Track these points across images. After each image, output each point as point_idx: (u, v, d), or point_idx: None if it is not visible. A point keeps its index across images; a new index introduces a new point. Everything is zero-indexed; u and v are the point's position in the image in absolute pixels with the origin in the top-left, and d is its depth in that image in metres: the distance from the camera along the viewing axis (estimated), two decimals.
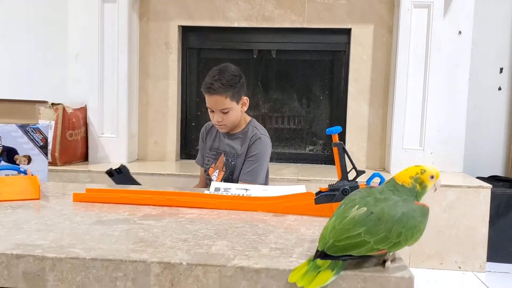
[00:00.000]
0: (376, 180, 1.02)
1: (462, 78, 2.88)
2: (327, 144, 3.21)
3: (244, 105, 1.94)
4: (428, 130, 2.80)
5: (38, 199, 1.21)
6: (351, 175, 1.08)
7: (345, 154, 1.08)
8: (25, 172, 1.39)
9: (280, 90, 3.27)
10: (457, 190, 2.54)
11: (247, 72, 3.24)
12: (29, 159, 1.55)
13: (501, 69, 3.10)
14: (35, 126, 1.57)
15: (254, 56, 3.18)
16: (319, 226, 1.00)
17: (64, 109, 2.78)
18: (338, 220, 0.76)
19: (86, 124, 2.96)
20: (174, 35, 3.08)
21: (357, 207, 0.76)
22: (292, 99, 3.27)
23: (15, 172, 1.42)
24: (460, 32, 2.85)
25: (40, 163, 1.56)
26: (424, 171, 0.81)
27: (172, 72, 3.11)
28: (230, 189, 1.33)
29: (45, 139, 1.58)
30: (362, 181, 1.06)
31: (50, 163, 2.64)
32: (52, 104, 2.79)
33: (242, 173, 1.89)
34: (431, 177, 0.81)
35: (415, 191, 0.80)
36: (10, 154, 1.52)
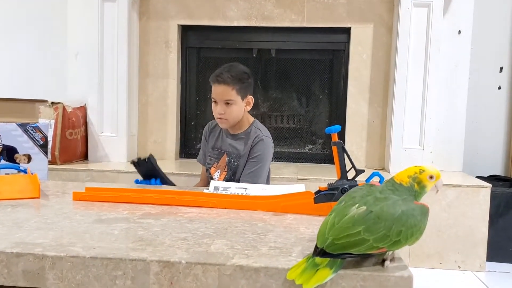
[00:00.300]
0: (375, 179, 1.02)
1: (461, 77, 2.88)
2: (326, 143, 3.21)
3: (249, 104, 1.93)
4: (427, 130, 2.80)
5: (38, 198, 1.21)
6: (351, 174, 1.08)
7: (344, 153, 1.08)
8: (25, 171, 1.39)
9: (280, 89, 3.27)
10: (457, 190, 2.54)
11: None
12: (29, 158, 1.55)
13: (501, 68, 3.10)
14: (35, 125, 1.57)
15: (254, 55, 3.18)
16: (318, 225, 1.00)
17: (64, 108, 2.78)
18: (338, 218, 0.76)
19: (86, 123, 2.96)
20: (174, 34, 3.08)
21: (357, 206, 0.76)
22: (292, 98, 3.27)
23: (15, 171, 1.42)
24: (460, 31, 2.85)
25: (40, 162, 1.56)
26: (423, 171, 0.81)
27: (171, 71, 3.11)
28: (229, 188, 1.33)
29: (45, 138, 1.58)
30: (361, 180, 1.06)
31: (50, 162, 2.64)
32: (52, 103, 2.79)
33: (244, 174, 1.89)
34: (430, 177, 0.81)
35: (413, 190, 0.80)
36: (10, 153, 1.52)
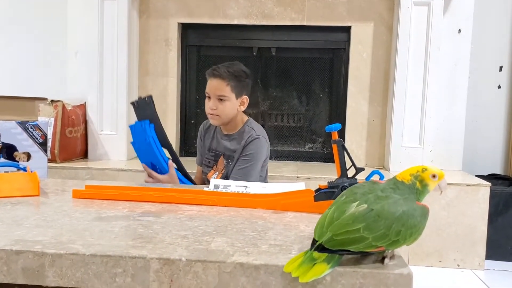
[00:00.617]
0: (375, 178, 1.02)
1: (461, 76, 2.88)
2: (326, 142, 3.21)
3: (243, 104, 1.90)
4: (427, 128, 2.80)
5: (37, 195, 1.21)
6: (351, 172, 1.08)
7: (344, 152, 1.08)
8: (24, 169, 1.39)
9: (280, 88, 3.27)
10: (456, 188, 2.54)
11: None
12: (29, 156, 1.55)
13: (501, 67, 3.10)
14: (34, 123, 1.57)
15: (254, 53, 3.18)
16: None
17: (63, 106, 2.78)
18: (337, 213, 0.76)
19: (85, 121, 2.96)
20: (174, 32, 3.07)
21: (358, 203, 0.76)
22: (292, 97, 3.27)
23: (15, 169, 1.43)
24: (460, 30, 2.85)
25: (39, 160, 1.56)
26: (425, 169, 0.80)
27: (171, 70, 3.11)
28: (229, 186, 1.33)
29: (45, 136, 1.58)
30: (361, 179, 1.06)
31: (50, 160, 2.64)
32: (52, 101, 2.79)
33: (234, 171, 1.85)
34: (433, 176, 0.80)
35: (414, 188, 0.79)
36: (9, 151, 1.52)
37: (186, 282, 0.76)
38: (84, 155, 2.99)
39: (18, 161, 1.52)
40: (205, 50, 3.25)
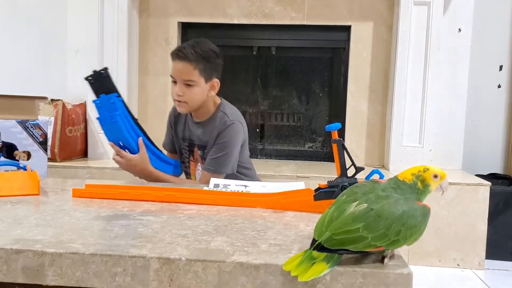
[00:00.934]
0: (375, 177, 1.02)
1: (461, 75, 2.88)
2: (326, 141, 3.21)
3: (213, 88, 1.71)
4: (427, 128, 2.80)
5: (37, 194, 1.21)
6: (350, 171, 1.08)
7: (344, 151, 1.08)
8: (24, 168, 1.39)
9: (280, 87, 3.27)
10: (456, 188, 2.54)
11: (246, 69, 3.24)
12: (29, 155, 1.55)
13: (501, 67, 3.10)
14: (34, 122, 1.57)
15: (254, 53, 3.18)
16: None
17: (63, 105, 2.78)
18: (336, 213, 0.76)
19: (85, 120, 2.96)
20: (174, 31, 3.07)
21: (358, 202, 0.76)
22: (292, 96, 3.27)
23: (15, 168, 1.43)
24: (459, 29, 2.85)
25: (39, 159, 1.56)
26: (427, 169, 0.80)
27: (171, 68, 3.10)
28: (229, 185, 1.33)
29: (45, 135, 1.58)
30: (361, 178, 1.06)
31: (50, 159, 2.64)
32: (52, 100, 2.79)
33: (207, 161, 1.68)
34: (434, 176, 0.80)
35: (416, 188, 0.79)
36: (9, 149, 1.52)
37: (186, 282, 0.76)
38: (84, 154, 2.99)
39: (18, 160, 1.52)
40: None
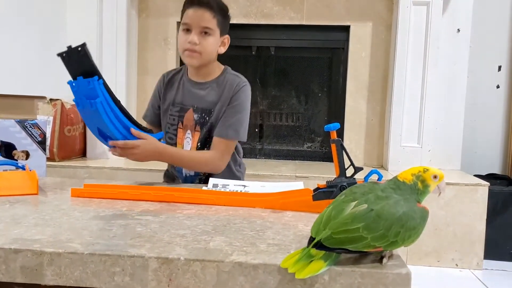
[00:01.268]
0: (374, 177, 1.02)
1: (460, 75, 2.88)
2: (325, 141, 3.22)
3: (224, 45, 1.64)
4: (426, 128, 2.81)
5: (36, 194, 1.21)
6: (349, 171, 1.09)
7: (343, 151, 1.08)
8: (23, 168, 1.39)
9: (279, 87, 3.27)
10: (455, 188, 2.55)
11: (245, 69, 3.24)
12: (27, 155, 1.55)
13: (500, 67, 3.11)
14: (33, 122, 1.57)
15: (253, 52, 3.18)
16: None
17: (62, 104, 2.77)
18: (335, 212, 0.76)
19: None
20: (173, 31, 3.07)
21: (357, 202, 0.76)
22: (291, 96, 3.27)
23: (13, 168, 1.42)
24: (458, 29, 2.85)
25: (38, 159, 1.56)
26: (427, 170, 0.81)
27: (170, 68, 3.09)
28: (228, 185, 1.34)
29: (43, 135, 1.58)
30: (360, 178, 1.06)
31: (48, 159, 2.64)
32: (51, 99, 2.78)
33: (222, 124, 1.55)
34: (434, 176, 0.80)
35: (416, 189, 0.79)
36: (8, 149, 1.52)
37: (185, 281, 0.76)
38: (83, 153, 2.98)
39: (16, 160, 1.52)
40: None
